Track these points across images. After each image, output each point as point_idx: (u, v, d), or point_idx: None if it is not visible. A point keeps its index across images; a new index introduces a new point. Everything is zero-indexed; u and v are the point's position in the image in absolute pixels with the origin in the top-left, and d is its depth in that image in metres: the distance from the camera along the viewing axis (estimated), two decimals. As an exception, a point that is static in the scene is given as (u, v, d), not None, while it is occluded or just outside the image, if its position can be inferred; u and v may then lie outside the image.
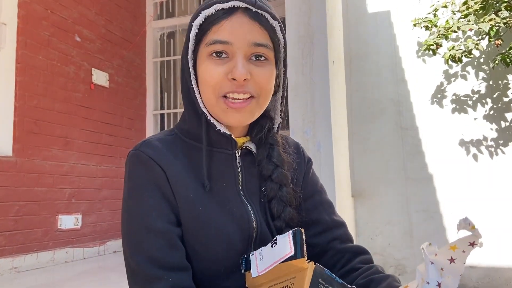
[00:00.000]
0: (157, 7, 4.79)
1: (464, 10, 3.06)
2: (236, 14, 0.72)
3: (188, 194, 0.74)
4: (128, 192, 0.74)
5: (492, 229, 3.09)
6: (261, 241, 0.78)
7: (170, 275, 0.68)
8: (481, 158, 3.20)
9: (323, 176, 2.18)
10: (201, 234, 0.74)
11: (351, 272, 0.79)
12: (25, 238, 3.09)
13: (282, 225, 0.79)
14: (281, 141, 0.86)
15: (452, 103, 3.32)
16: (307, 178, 0.90)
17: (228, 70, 0.72)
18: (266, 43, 0.74)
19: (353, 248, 0.84)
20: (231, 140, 0.78)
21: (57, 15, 3.53)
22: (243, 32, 0.71)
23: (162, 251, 0.70)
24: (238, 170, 0.80)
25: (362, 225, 3.38)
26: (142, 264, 0.69)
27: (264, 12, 0.73)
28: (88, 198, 3.70)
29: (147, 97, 4.67)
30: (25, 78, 3.19)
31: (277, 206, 0.79)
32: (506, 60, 2.85)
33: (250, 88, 0.73)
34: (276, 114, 0.85)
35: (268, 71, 0.75)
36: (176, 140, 0.80)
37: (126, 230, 0.73)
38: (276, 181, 0.80)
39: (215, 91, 0.73)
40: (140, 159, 0.74)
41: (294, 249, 0.63)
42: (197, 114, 0.76)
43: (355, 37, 3.59)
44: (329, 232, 0.85)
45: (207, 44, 0.73)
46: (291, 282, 0.62)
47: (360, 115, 3.51)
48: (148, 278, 0.68)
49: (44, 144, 3.33)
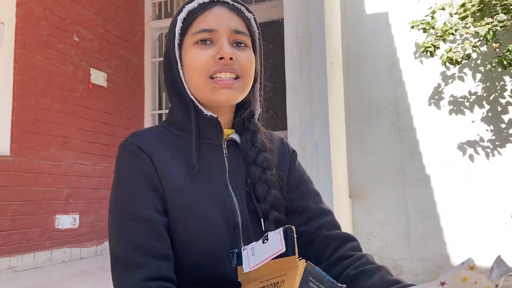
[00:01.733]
0: (155, 7, 4.80)
1: (461, 12, 3.08)
2: (217, 6, 0.80)
3: (175, 182, 0.76)
4: (116, 181, 0.77)
5: (488, 229, 3.11)
6: (248, 232, 0.79)
7: (152, 262, 0.69)
8: (478, 159, 3.22)
9: (321, 176, 2.19)
10: (188, 222, 0.75)
11: (341, 260, 0.79)
12: (22, 238, 3.09)
13: (267, 207, 0.81)
14: (264, 131, 0.89)
15: (449, 104, 3.34)
16: (292, 168, 0.92)
17: (215, 52, 0.78)
18: (245, 31, 0.82)
19: (341, 235, 0.85)
20: (217, 128, 0.81)
21: (55, 15, 3.52)
22: (225, 20, 0.79)
23: (146, 239, 0.71)
24: (225, 160, 0.83)
25: (359, 225, 3.39)
26: (125, 250, 0.70)
27: (239, 5, 0.83)
28: (85, 198, 3.70)
29: (145, 97, 4.67)
30: (23, 78, 3.19)
31: (261, 188, 0.81)
32: (503, 62, 2.87)
33: (236, 67, 0.79)
34: (256, 104, 0.90)
35: (249, 55, 0.82)
36: (165, 132, 0.83)
37: (112, 218, 0.75)
38: (259, 165, 0.83)
39: (203, 72, 0.78)
40: (129, 149, 0.78)
41: (285, 246, 0.64)
42: (185, 103, 0.81)
43: (353, 38, 3.60)
44: (316, 220, 0.86)
45: (193, 34, 0.79)
46: (282, 279, 0.63)
47: (358, 115, 3.52)
48: (130, 265, 0.69)
49: (42, 143, 3.32)
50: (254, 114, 0.89)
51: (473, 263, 0.47)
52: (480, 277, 0.48)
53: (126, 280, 0.69)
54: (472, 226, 3.14)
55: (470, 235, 3.14)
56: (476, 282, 0.48)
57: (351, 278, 0.74)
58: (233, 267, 0.73)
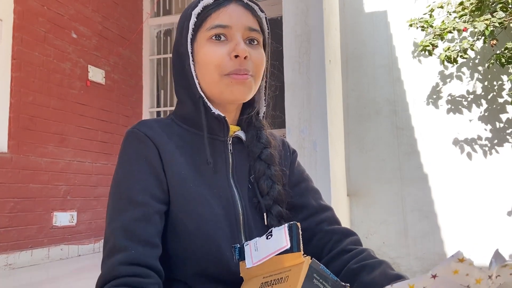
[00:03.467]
0: (154, 4, 4.78)
1: (459, 10, 3.08)
2: (232, 3, 0.81)
3: (180, 171, 0.77)
4: (119, 165, 0.78)
5: (486, 227, 3.12)
6: (250, 226, 0.80)
7: (135, 248, 0.69)
8: (476, 158, 3.23)
9: (319, 175, 2.19)
10: (191, 211, 0.75)
11: (343, 254, 0.80)
12: (19, 235, 3.08)
13: (270, 202, 0.82)
14: (267, 127, 0.91)
15: (447, 103, 3.35)
16: (293, 168, 0.94)
17: (230, 49, 0.79)
18: (258, 29, 0.83)
19: (341, 230, 0.86)
20: (224, 125, 0.82)
21: (53, 12, 3.51)
22: (240, 17, 0.80)
23: (136, 223, 0.71)
24: (229, 156, 0.84)
25: (357, 224, 3.39)
26: (113, 232, 0.70)
27: (253, 4, 0.84)
28: (83, 195, 3.70)
29: (143, 94, 4.66)
30: (21, 74, 3.18)
31: (265, 183, 0.82)
32: (501, 60, 2.87)
33: (249, 67, 0.80)
34: (261, 102, 0.91)
35: (261, 53, 0.83)
36: (172, 124, 0.84)
37: (110, 200, 0.76)
38: (264, 160, 0.84)
39: (219, 69, 0.79)
40: (136, 135, 0.78)
41: (290, 242, 0.64)
42: (194, 99, 0.81)
43: (351, 36, 3.60)
44: (316, 215, 0.87)
45: (207, 29, 0.80)
46: (286, 275, 0.62)
47: (356, 114, 3.52)
48: (114, 247, 0.69)
49: (40, 140, 3.31)
50: (259, 112, 0.90)
51: (462, 256, 0.48)
52: (471, 269, 0.48)
53: (105, 262, 0.69)
54: (469, 225, 3.15)
55: (467, 234, 3.16)
56: (468, 274, 0.49)
57: (353, 272, 0.75)
58: (235, 262, 0.74)
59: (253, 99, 0.89)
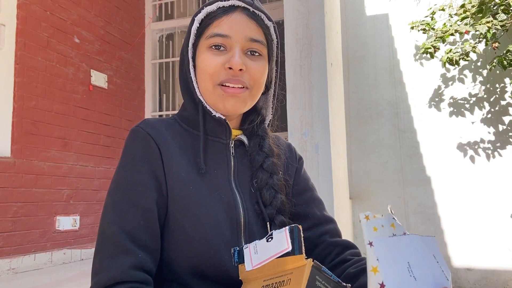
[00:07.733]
0: (156, 9, 4.80)
1: (461, 13, 3.08)
2: (236, 12, 0.79)
3: (180, 173, 0.77)
4: (120, 164, 0.78)
5: (489, 230, 3.10)
6: (250, 231, 0.79)
7: (140, 252, 0.70)
8: (478, 160, 3.22)
9: (321, 177, 2.19)
10: (190, 213, 0.75)
11: (342, 263, 0.82)
12: (22, 239, 3.09)
13: (273, 212, 0.81)
14: (272, 136, 0.90)
15: (449, 106, 3.34)
16: (298, 175, 0.93)
17: (226, 60, 0.78)
18: (261, 40, 0.81)
19: (343, 242, 0.87)
20: (225, 128, 0.82)
21: (56, 17, 3.53)
22: (241, 28, 0.79)
23: (139, 228, 0.72)
24: (231, 159, 0.84)
25: (359, 227, 3.38)
26: (117, 234, 0.71)
27: (260, 12, 0.81)
28: (86, 199, 3.70)
29: (146, 98, 4.67)
30: (24, 79, 3.19)
31: (268, 193, 0.82)
32: (503, 63, 2.87)
33: (245, 79, 0.79)
34: (268, 111, 0.91)
35: (261, 66, 0.81)
36: (175, 124, 0.85)
37: (110, 198, 0.75)
38: (267, 170, 0.84)
39: (213, 78, 0.79)
40: (138, 134, 0.78)
41: (292, 245, 0.64)
42: (195, 102, 0.82)
43: (353, 39, 3.61)
44: (319, 226, 0.87)
45: (207, 37, 0.79)
46: (288, 278, 0.62)
47: (358, 117, 3.52)
48: (119, 249, 0.70)
49: (43, 145, 3.33)
50: (264, 119, 0.89)
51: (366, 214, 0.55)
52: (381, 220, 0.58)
53: (112, 262, 0.69)
54: (472, 227, 3.14)
55: (471, 237, 3.14)
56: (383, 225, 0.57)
57: (352, 276, 0.76)
58: (233, 264, 0.73)
59: (256, 107, 0.88)
